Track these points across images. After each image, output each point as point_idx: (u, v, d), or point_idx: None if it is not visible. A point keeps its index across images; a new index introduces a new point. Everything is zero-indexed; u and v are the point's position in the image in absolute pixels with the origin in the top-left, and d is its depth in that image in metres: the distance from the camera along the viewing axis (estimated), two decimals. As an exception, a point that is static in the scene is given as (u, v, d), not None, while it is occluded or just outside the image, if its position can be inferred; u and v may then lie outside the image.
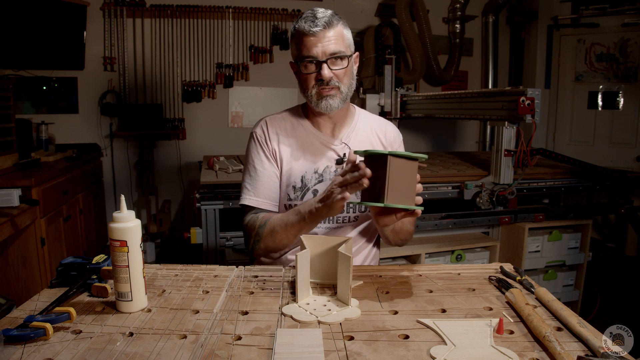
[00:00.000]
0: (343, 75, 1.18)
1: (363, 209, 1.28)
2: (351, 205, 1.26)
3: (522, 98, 2.08)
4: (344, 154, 1.27)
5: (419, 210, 0.95)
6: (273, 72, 4.13)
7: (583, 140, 4.34)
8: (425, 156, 0.96)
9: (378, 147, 1.32)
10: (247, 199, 1.26)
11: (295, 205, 1.25)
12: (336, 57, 1.16)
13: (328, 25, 1.14)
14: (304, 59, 1.17)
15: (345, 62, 1.18)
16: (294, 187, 1.26)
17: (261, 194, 1.25)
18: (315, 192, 1.26)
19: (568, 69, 4.39)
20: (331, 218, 1.26)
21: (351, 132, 1.30)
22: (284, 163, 1.27)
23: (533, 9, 4.44)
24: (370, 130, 1.33)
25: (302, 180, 1.26)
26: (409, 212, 0.96)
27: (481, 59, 4.53)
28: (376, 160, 0.94)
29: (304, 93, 1.23)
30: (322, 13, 1.16)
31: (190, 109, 4.02)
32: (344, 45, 1.17)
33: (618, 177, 2.63)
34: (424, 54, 3.85)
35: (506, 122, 2.29)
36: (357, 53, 1.24)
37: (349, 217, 1.27)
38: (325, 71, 1.15)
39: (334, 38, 1.15)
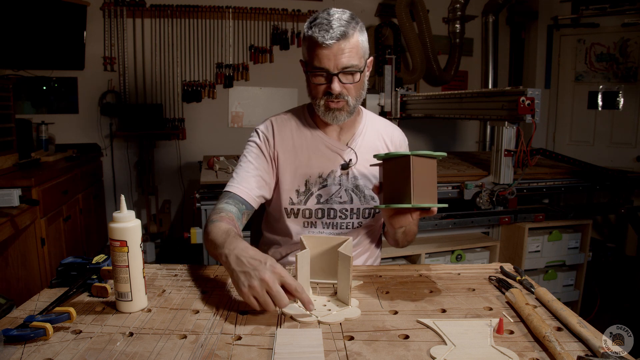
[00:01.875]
0: (353, 88, 1.14)
1: (367, 215, 1.26)
2: (354, 210, 1.25)
3: (522, 98, 2.08)
4: (350, 160, 1.25)
5: (435, 208, 0.94)
6: (273, 72, 4.13)
7: (583, 140, 4.34)
8: (444, 154, 0.97)
9: (384, 152, 1.30)
10: (230, 186, 1.21)
11: (298, 210, 1.24)
12: (348, 71, 1.10)
13: (343, 36, 1.06)
14: (315, 69, 1.11)
15: (357, 77, 1.12)
16: (297, 190, 1.24)
17: (244, 182, 1.21)
18: (319, 196, 1.24)
19: (568, 69, 4.39)
20: (334, 224, 1.25)
21: (358, 136, 1.27)
22: (287, 166, 1.24)
23: (533, 9, 4.44)
24: (377, 135, 1.31)
25: (306, 185, 1.24)
26: (426, 211, 0.95)
27: (481, 59, 4.53)
28: (397, 162, 0.94)
29: (312, 99, 1.18)
30: (338, 21, 1.07)
31: (190, 109, 4.02)
32: (358, 57, 1.11)
33: (618, 177, 2.63)
34: (424, 54, 3.85)
35: (506, 122, 2.29)
36: (371, 58, 1.19)
37: (352, 223, 1.26)
38: (336, 85, 1.10)
39: (348, 50, 1.08)
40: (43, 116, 3.52)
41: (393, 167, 0.96)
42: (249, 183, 1.21)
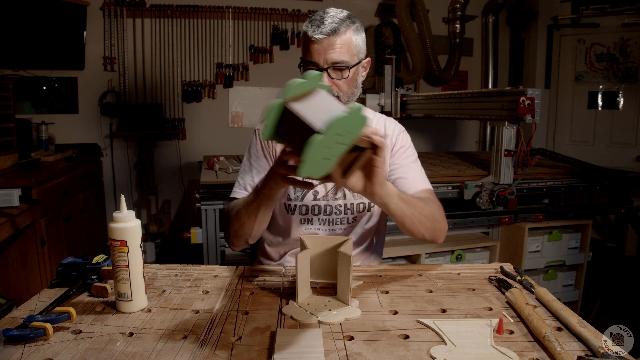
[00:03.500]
0: (343, 85, 1.14)
1: (361, 209, 1.26)
2: (348, 206, 1.25)
3: (522, 98, 2.08)
4: None
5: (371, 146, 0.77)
6: (273, 72, 4.13)
7: (583, 140, 4.34)
8: (326, 85, 0.78)
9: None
10: (236, 192, 1.24)
11: (295, 206, 1.25)
12: (337, 67, 1.11)
13: (334, 32, 1.08)
14: (306, 64, 1.13)
15: (346, 73, 1.13)
16: (294, 187, 1.25)
17: (249, 188, 1.23)
18: (315, 192, 1.25)
19: (568, 69, 4.39)
20: (330, 220, 1.25)
21: None
22: None
23: (533, 9, 4.44)
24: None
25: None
26: (366, 153, 0.79)
27: (481, 59, 4.53)
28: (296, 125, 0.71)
29: None
30: (332, 18, 1.10)
31: (190, 109, 4.02)
32: (349, 54, 1.12)
33: (618, 177, 2.63)
34: (424, 54, 3.85)
35: (506, 122, 2.29)
36: (368, 59, 1.19)
37: (347, 218, 1.26)
38: (325, 80, 1.10)
39: (339, 46, 1.10)
40: (43, 116, 3.52)
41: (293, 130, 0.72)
42: (252, 187, 1.21)
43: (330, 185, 1.25)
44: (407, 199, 1.00)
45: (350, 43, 1.12)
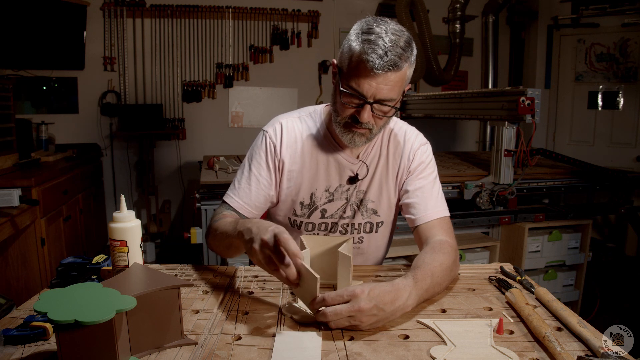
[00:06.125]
0: (382, 120, 1.05)
1: (368, 229, 1.22)
2: (356, 225, 1.21)
3: (522, 98, 2.08)
4: (357, 174, 1.17)
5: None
6: (273, 72, 4.13)
7: (583, 140, 4.34)
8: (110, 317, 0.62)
9: (390, 171, 1.20)
10: (229, 197, 1.16)
11: (300, 222, 1.20)
12: (383, 103, 1.00)
13: (394, 67, 0.94)
14: (349, 88, 0.99)
15: (390, 112, 1.03)
16: (301, 203, 1.18)
17: (243, 196, 1.15)
18: (323, 211, 1.19)
19: (568, 69, 4.39)
20: None
21: (372, 148, 1.18)
22: (292, 177, 1.16)
23: (533, 9, 4.45)
24: (384, 147, 1.20)
25: (311, 198, 1.18)
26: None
27: (481, 59, 4.53)
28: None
29: (333, 112, 1.08)
30: (394, 48, 0.94)
31: (190, 109, 4.02)
32: (399, 90, 1.00)
33: (618, 177, 2.63)
34: (424, 54, 3.85)
35: (506, 122, 2.29)
36: (409, 86, 1.07)
37: (353, 238, 1.21)
38: (366, 115, 1.00)
39: (393, 83, 0.97)
40: (43, 116, 3.52)
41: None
42: (249, 198, 1.15)
43: (340, 203, 1.19)
44: (428, 287, 0.91)
45: (403, 79, 1.00)
